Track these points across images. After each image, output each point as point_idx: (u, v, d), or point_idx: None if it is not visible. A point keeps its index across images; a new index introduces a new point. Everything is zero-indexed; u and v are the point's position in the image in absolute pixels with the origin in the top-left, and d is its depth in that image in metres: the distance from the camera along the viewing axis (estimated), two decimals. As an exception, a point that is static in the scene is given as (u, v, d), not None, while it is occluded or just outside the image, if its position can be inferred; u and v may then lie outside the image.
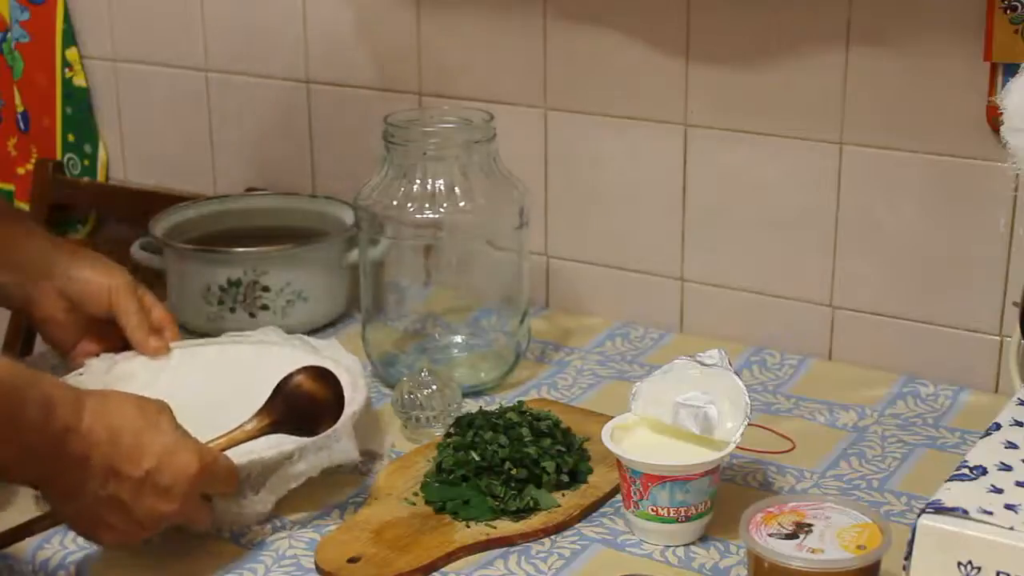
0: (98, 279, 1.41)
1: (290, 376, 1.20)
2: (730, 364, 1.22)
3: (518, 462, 1.24)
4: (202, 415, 1.35)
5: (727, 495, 1.22)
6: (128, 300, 1.41)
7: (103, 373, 1.37)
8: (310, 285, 1.60)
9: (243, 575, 1.15)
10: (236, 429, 1.19)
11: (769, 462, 1.32)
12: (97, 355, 1.41)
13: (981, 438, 1.05)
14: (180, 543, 1.18)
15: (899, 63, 1.43)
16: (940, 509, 0.95)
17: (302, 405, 1.19)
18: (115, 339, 1.42)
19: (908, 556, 0.97)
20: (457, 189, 1.43)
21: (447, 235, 1.46)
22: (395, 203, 1.44)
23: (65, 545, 1.19)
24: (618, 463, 1.19)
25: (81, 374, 1.36)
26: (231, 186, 1.92)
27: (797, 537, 1.05)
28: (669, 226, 1.61)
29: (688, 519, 1.17)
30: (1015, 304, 1.37)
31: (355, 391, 1.30)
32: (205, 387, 1.38)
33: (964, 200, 1.44)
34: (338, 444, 1.23)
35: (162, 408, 1.13)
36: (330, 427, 1.20)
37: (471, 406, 1.38)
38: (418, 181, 1.44)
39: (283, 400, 1.20)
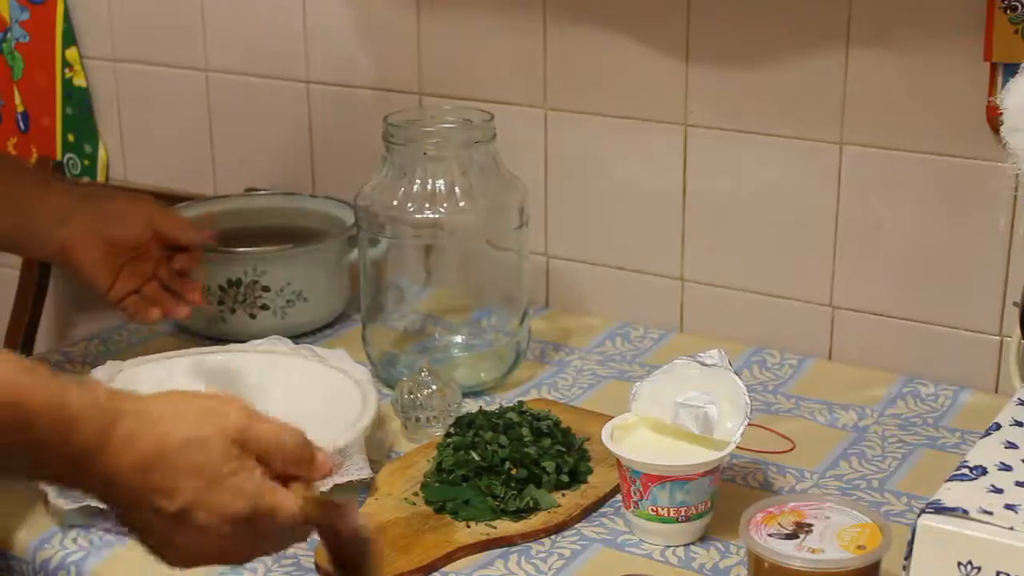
0: (132, 206, 1.47)
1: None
2: (730, 364, 1.22)
3: (518, 462, 1.24)
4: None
5: (727, 495, 1.22)
6: (173, 216, 1.51)
7: (105, 381, 1.35)
8: (310, 285, 1.60)
9: (243, 575, 1.15)
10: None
11: (769, 462, 1.32)
12: (136, 292, 1.46)
13: (981, 438, 1.05)
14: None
15: (899, 63, 1.43)
16: (940, 509, 0.95)
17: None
18: (146, 273, 1.47)
19: (908, 556, 0.97)
20: (457, 189, 1.43)
21: (447, 235, 1.46)
22: (395, 203, 1.44)
23: (65, 545, 1.19)
24: (618, 463, 1.19)
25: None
26: (231, 186, 1.92)
27: (797, 537, 1.06)
28: (669, 226, 1.61)
29: (688, 519, 1.17)
30: (1015, 304, 1.37)
31: (365, 406, 1.31)
32: None
33: (964, 200, 1.44)
34: (350, 461, 1.23)
35: (223, 429, 0.92)
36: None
37: (471, 406, 1.38)
38: (418, 181, 1.44)
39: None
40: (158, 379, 1.39)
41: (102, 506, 0.96)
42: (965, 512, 0.95)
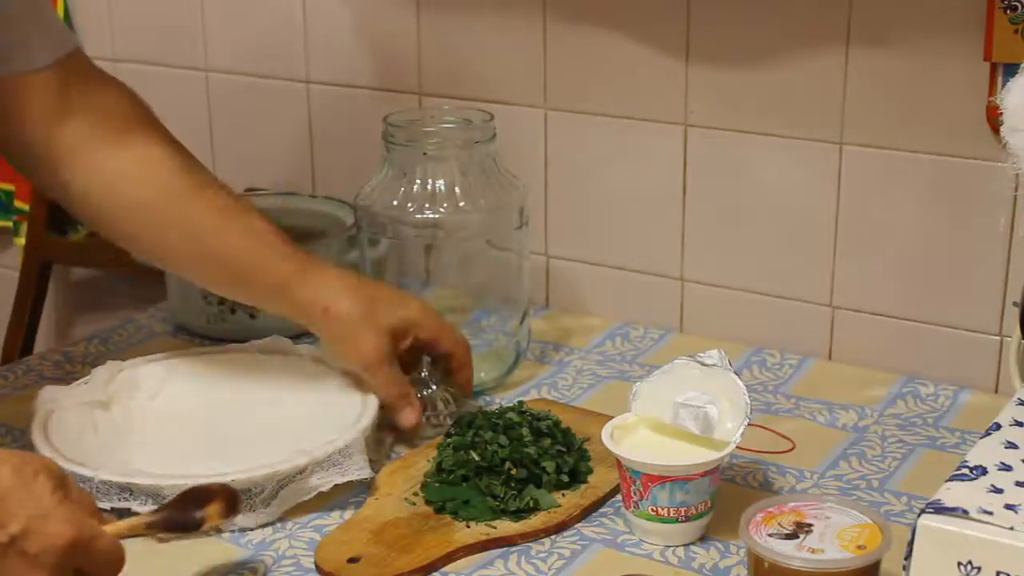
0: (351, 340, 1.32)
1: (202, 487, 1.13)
2: (730, 364, 1.22)
3: (518, 462, 1.24)
4: (207, 426, 1.35)
5: (727, 495, 1.22)
6: (378, 373, 1.32)
7: (106, 383, 1.35)
8: (310, 285, 1.60)
9: (243, 575, 1.15)
10: (137, 516, 1.12)
11: (769, 462, 1.32)
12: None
13: (981, 438, 1.05)
14: (179, 543, 1.18)
15: (899, 63, 1.43)
16: (940, 509, 0.95)
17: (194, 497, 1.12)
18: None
19: (908, 556, 0.97)
20: (457, 189, 1.43)
21: (447, 235, 1.46)
22: (395, 203, 1.44)
23: (65, 545, 1.19)
24: (618, 463, 1.19)
25: (85, 383, 1.35)
26: (231, 186, 1.91)
27: (797, 537, 1.06)
28: (669, 226, 1.61)
29: (688, 519, 1.17)
30: (1015, 304, 1.37)
31: (365, 406, 1.31)
32: (211, 397, 1.38)
33: (964, 200, 1.44)
34: (350, 460, 1.23)
35: (43, 469, 1.02)
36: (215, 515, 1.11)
37: (471, 406, 1.38)
38: (418, 181, 1.44)
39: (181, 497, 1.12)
40: (158, 380, 1.40)
41: None
42: (965, 512, 0.95)
